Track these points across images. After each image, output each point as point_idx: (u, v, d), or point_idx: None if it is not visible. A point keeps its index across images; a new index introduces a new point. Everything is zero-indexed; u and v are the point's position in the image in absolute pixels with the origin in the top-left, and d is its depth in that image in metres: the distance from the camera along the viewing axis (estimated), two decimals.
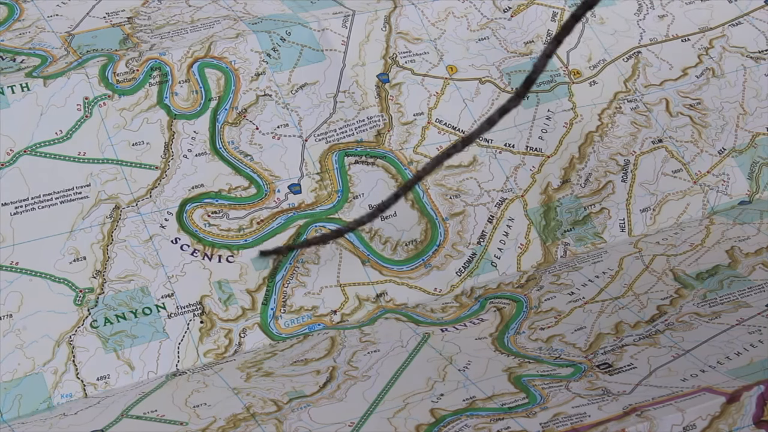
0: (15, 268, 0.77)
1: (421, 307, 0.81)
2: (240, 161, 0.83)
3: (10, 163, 0.80)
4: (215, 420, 0.70)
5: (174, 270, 0.79)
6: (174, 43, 0.86)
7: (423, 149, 0.86)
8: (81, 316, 0.77)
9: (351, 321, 0.80)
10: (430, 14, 0.91)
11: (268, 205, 0.82)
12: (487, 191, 0.86)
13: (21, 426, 0.72)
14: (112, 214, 0.80)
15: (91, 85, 0.83)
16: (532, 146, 0.88)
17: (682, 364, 0.71)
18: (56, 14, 0.90)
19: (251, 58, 0.86)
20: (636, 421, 0.66)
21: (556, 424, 0.66)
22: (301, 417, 0.70)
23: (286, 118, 0.85)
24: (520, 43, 0.92)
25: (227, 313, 0.79)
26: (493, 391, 0.70)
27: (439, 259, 0.83)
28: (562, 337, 0.75)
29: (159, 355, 0.77)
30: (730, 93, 0.92)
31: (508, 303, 0.80)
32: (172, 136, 0.83)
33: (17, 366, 0.75)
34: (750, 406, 0.67)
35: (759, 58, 0.94)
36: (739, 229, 0.85)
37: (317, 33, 0.88)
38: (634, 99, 0.91)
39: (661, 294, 0.78)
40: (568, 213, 0.86)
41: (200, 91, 0.84)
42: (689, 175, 0.89)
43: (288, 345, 0.78)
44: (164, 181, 0.82)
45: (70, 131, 0.81)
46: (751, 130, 0.91)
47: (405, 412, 0.69)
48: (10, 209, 0.78)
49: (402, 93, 0.88)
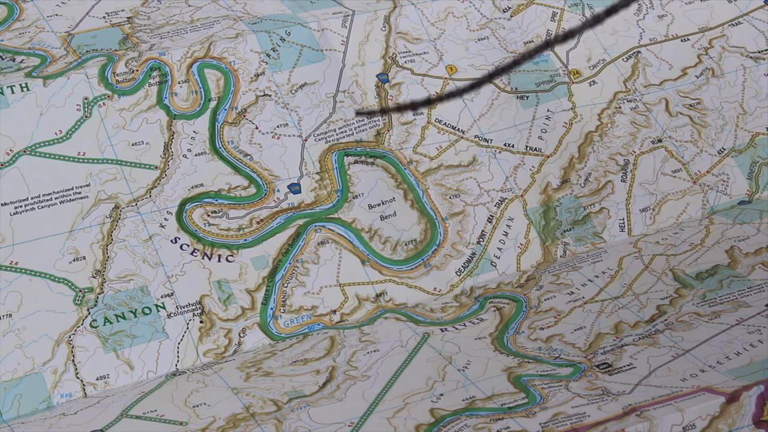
0: (15, 268, 0.77)
1: (420, 307, 0.81)
2: (240, 161, 0.83)
3: (10, 163, 0.80)
4: (215, 420, 0.70)
5: (174, 270, 0.79)
6: (174, 43, 0.86)
7: (422, 149, 0.86)
8: (81, 315, 0.77)
9: (351, 321, 0.80)
10: (429, 14, 0.91)
11: (267, 205, 0.82)
12: (486, 191, 0.86)
13: (21, 426, 0.72)
14: (112, 214, 0.80)
15: (90, 85, 0.83)
16: (531, 146, 0.88)
17: (681, 364, 0.71)
18: (56, 14, 0.90)
19: (251, 59, 0.86)
20: (636, 421, 0.66)
21: (556, 424, 0.66)
22: (300, 417, 0.70)
23: (286, 117, 0.85)
24: (519, 43, 0.92)
25: (227, 313, 0.79)
26: (493, 391, 0.70)
27: (439, 258, 0.83)
28: (562, 337, 0.75)
29: (158, 355, 0.77)
30: (729, 93, 0.92)
31: (508, 303, 0.80)
32: (172, 136, 0.83)
33: (17, 366, 0.75)
34: (750, 406, 0.67)
35: (759, 58, 0.94)
36: (739, 229, 0.85)
37: (317, 33, 0.88)
38: (634, 99, 0.91)
39: (660, 294, 0.78)
40: (567, 213, 0.86)
41: (200, 91, 0.84)
42: (689, 174, 0.89)
43: (287, 345, 0.78)
44: (164, 181, 0.82)
45: (69, 131, 0.81)
46: (751, 129, 0.91)
47: (405, 412, 0.69)
48: (10, 209, 0.78)
49: (402, 93, 0.88)
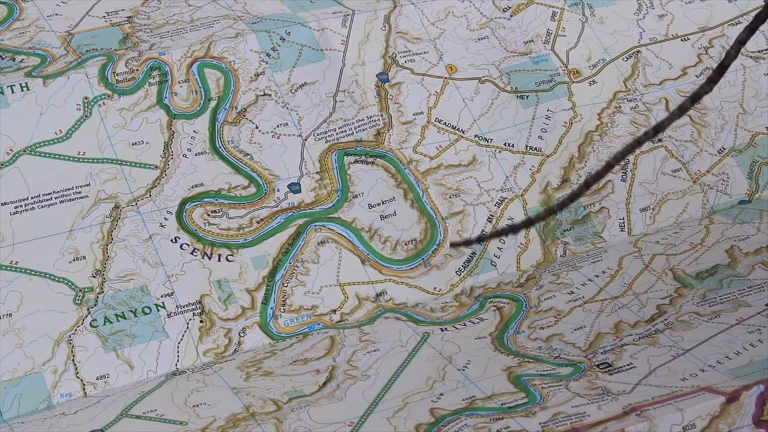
0: (15, 268, 0.77)
1: (420, 307, 0.81)
2: (240, 160, 0.83)
3: (10, 162, 0.80)
4: (215, 419, 0.70)
5: (174, 269, 0.79)
6: (173, 42, 0.86)
7: (422, 148, 0.86)
8: (80, 315, 0.77)
9: (350, 320, 0.80)
10: (429, 14, 0.91)
11: (267, 204, 0.82)
12: (486, 191, 0.86)
13: (21, 425, 0.72)
14: (112, 214, 0.80)
15: (90, 85, 0.83)
16: (531, 146, 0.88)
17: (681, 363, 0.71)
18: (56, 14, 0.90)
19: (251, 58, 0.86)
20: (635, 420, 0.66)
21: (556, 424, 0.66)
22: (300, 416, 0.70)
23: (286, 117, 0.85)
24: (519, 43, 0.92)
25: (227, 313, 0.79)
26: (493, 391, 0.70)
27: (439, 258, 0.83)
28: (562, 337, 0.75)
29: (158, 355, 0.77)
30: (729, 92, 0.92)
31: (508, 302, 0.80)
32: (172, 135, 0.83)
33: (17, 365, 0.75)
34: (749, 405, 0.67)
35: (759, 57, 0.94)
36: (739, 229, 0.85)
37: (317, 32, 0.88)
38: (634, 98, 0.91)
39: (660, 293, 0.78)
40: (567, 212, 0.86)
41: (200, 91, 0.84)
42: (689, 174, 0.89)
43: (287, 344, 0.78)
44: (164, 181, 0.82)
45: (69, 131, 0.81)
46: (751, 129, 0.91)
47: (405, 412, 0.69)
48: (10, 209, 0.78)
49: (401, 92, 0.88)
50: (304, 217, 0.82)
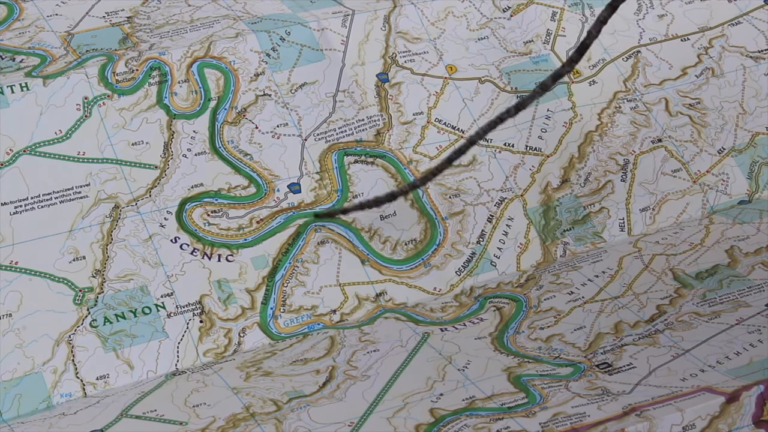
0: (14, 268, 0.77)
1: (420, 307, 0.81)
2: (239, 160, 0.83)
3: (10, 162, 0.80)
4: (215, 420, 0.70)
5: (173, 269, 0.79)
6: (173, 42, 0.86)
7: (422, 148, 0.86)
8: (80, 315, 0.77)
9: (350, 320, 0.80)
10: (429, 14, 0.91)
11: (267, 205, 0.82)
12: (486, 191, 0.86)
13: (20, 425, 0.72)
14: (112, 214, 0.80)
15: (90, 85, 0.83)
16: (531, 146, 0.88)
17: (681, 363, 0.71)
18: (56, 14, 0.90)
19: (250, 58, 0.86)
20: (635, 420, 0.66)
21: (556, 424, 0.66)
22: (300, 417, 0.70)
23: (286, 117, 0.85)
24: (519, 43, 0.92)
25: (227, 313, 0.79)
26: (493, 391, 0.70)
27: (439, 258, 0.83)
28: (562, 337, 0.75)
29: (158, 355, 0.77)
30: (729, 92, 0.92)
31: (508, 302, 0.80)
32: (172, 135, 0.83)
33: (17, 365, 0.75)
34: (749, 405, 0.67)
35: (758, 57, 0.94)
36: (739, 229, 0.85)
37: (317, 32, 0.88)
38: (634, 98, 0.91)
39: (660, 293, 0.78)
40: (567, 212, 0.86)
41: (200, 91, 0.84)
42: (689, 174, 0.89)
43: (287, 344, 0.78)
44: (164, 181, 0.82)
45: (69, 131, 0.81)
46: (751, 129, 0.91)
47: (404, 412, 0.69)
48: (10, 209, 0.78)
49: (401, 92, 0.88)
50: (304, 216, 0.82)
